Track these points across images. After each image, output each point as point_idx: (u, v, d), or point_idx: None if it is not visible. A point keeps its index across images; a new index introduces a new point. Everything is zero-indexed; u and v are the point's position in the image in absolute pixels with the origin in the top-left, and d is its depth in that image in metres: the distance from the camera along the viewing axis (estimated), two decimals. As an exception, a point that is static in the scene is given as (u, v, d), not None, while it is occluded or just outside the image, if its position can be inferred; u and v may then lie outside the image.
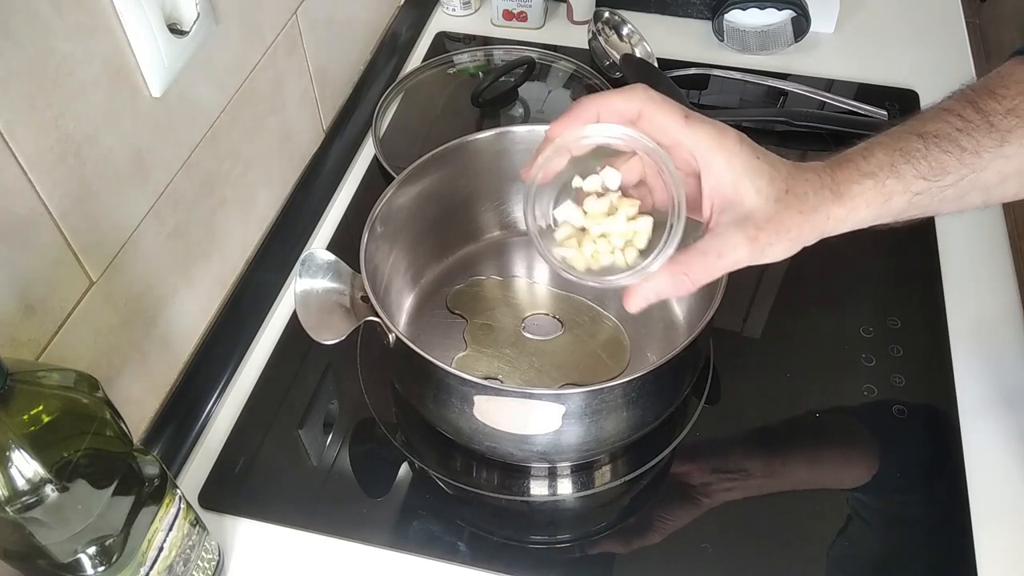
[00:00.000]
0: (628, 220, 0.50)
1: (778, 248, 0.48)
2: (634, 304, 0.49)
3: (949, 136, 0.49)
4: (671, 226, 0.48)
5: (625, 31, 1.00)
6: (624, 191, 0.51)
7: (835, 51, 1.03)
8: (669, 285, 0.48)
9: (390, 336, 0.59)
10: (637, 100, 0.48)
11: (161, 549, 0.51)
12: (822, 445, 0.69)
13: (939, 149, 0.49)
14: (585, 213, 0.50)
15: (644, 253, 0.50)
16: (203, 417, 0.69)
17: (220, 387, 0.71)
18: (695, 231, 0.50)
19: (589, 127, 0.48)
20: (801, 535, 0.63)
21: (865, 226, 0.51)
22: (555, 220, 0.51)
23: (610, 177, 0.50)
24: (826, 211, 0.49)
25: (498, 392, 0.58)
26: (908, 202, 0.49)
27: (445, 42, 1.05)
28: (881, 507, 0.64)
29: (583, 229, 0.51)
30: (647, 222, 0.50)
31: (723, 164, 0.47)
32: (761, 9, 0.99)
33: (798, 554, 0.62)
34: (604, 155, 0.50)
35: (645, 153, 0.48)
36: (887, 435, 0.68)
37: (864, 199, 0.49)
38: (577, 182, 0.51)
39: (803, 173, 0.49)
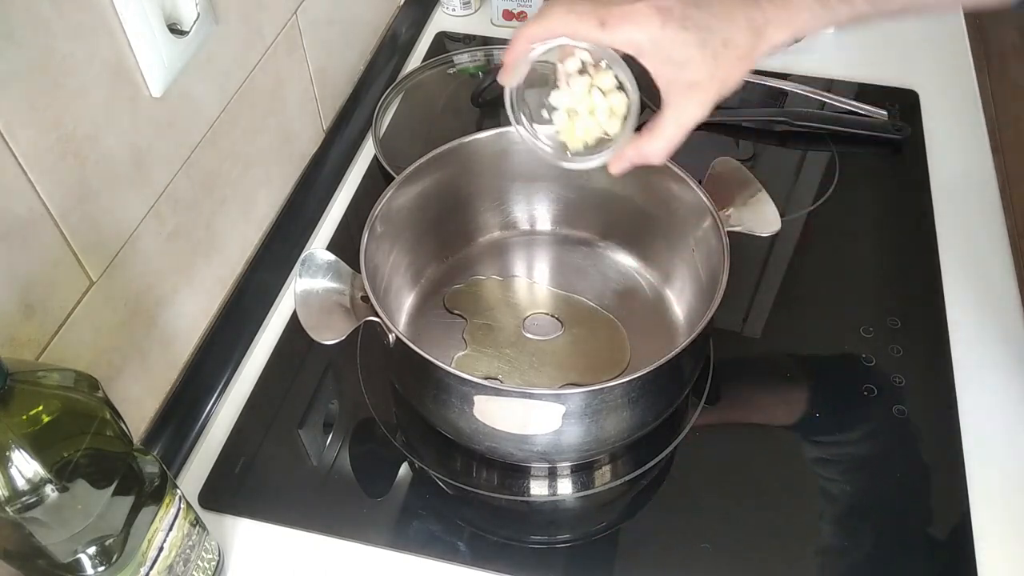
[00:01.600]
0: (607, 94, 0.55)
1: (730, 85, 0.52)
2: (617, 166, 0.55)
3: None
4: (629, 103, 0.55)
5: (625, 31, 1.00)
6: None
7: (835, 51, 1.03)
8: (643, 151, 0.54)
9: (390, 336, 0.59)
10: (556, 27, 0.51)
11: (161, 549, 0.51)
12: (822, 445, 0.69)
13: None
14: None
15: (625, 120, 0.55)
16: (203, 417, 0.69)
17: (220, 387, 0.71)
18: None
19: (536, 47, 0.53)
20: (801, 535, 0.63)
21: (808, 33, 0.53)
22: (549, 108, 0.57)
23: (583, 54, 0.54)
24: (767, 37, 0.51)
25: (498, 392, 0.58)
26: (852, 15, 0.51)
27: (445, 42, 1.05)
28: (881, 507, 0.64)
29: (570, 114, 0.57)
30: (622, 96, 0.55)
31: (652, 49, 0.50)
32: (761, 9, 0.99)
33: (798, 554, 0.62)
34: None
35: (588, 52, 0.53)
36: (887, 435, 0.68)
37: (808, 9, 0.51)
38: (560, 69, 0.56)
39: (735, 20, 0.51)
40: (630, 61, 0.52)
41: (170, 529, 0.52)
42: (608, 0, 0.50)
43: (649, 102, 0.54)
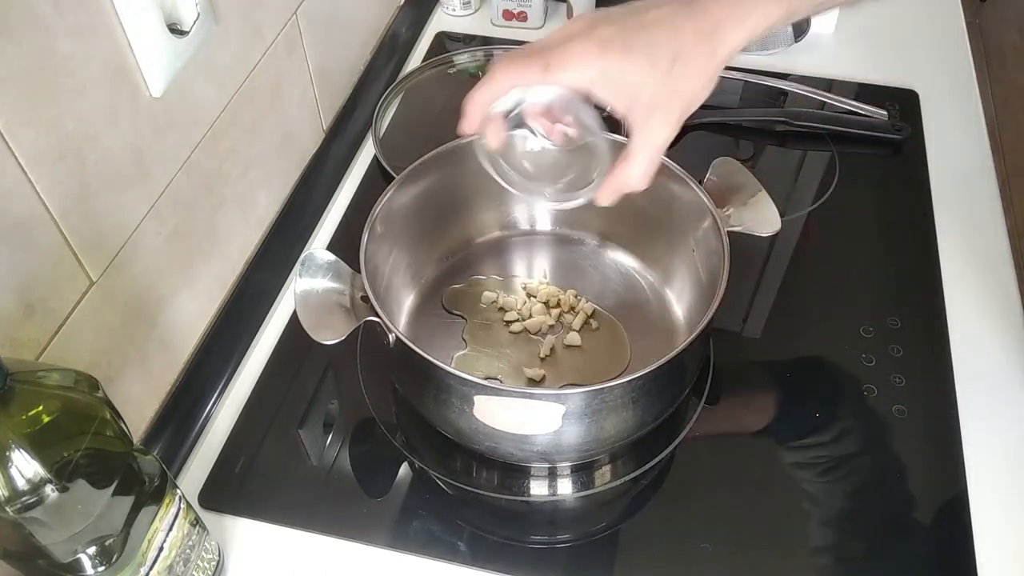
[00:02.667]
0: None
1: (693, 97, 0.50)
2: (605, 199, 0.54)
3: None
4: (597, 146, 0.55)
5: (625, 31, 1.00)
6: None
7: (835, 51, 1.03)
8: (623, 181, 0.53)
9: (390, 336, 0.59)
10: (503, 81, 0.51)
11: (161, 549, 0.51)
12: (822, 444, 0.69)
13: None
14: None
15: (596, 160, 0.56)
16: (203, 417, 0.69)
17: (220, 387, 0.71)
18: None
19: (497, 104, 0.53)
20: (802, 535, 0.63)
21: (763, 32, 0.51)
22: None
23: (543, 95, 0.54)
24: (723, 41, 0.49)
25: (498, 392, 0.58)
26: (791, 10, 0.51)
27: (445, 42, 1.05)
28: (881, 506, 0.64)
29: None
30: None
31: (601, 81, 0.49)
32: (761, 9, 0.99)
33: (798, 554, 0.62)
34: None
35: (547, 102, 0.53)
36: (887, 435, 0.68)
37: (760, 5, 0.50)
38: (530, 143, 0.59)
39: (682, 32, 0.49)
40: None
41: (170, 529, 0.52)
42: (550, 44, 0.49)
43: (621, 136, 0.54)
